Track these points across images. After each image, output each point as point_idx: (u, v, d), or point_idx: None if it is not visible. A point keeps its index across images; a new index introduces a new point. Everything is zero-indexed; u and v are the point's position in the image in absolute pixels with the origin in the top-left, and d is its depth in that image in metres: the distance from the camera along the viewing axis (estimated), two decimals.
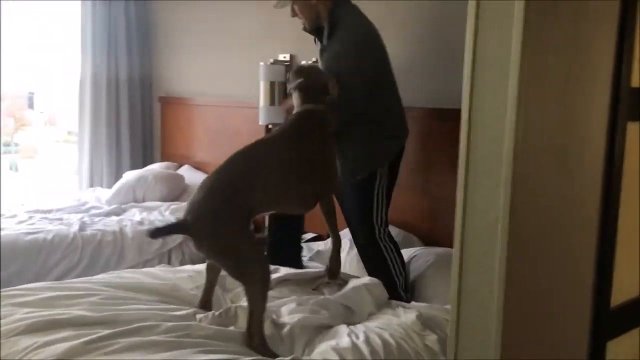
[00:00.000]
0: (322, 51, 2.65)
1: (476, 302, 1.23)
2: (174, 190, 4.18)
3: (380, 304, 2.34)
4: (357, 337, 2.01)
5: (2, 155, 5.37)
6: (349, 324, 2.15)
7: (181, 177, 4.31)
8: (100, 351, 1.78)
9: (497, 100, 1.18)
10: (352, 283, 2.39)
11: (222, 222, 1.94)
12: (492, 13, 1.18)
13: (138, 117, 4.88)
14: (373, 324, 2.15)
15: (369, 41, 2.55)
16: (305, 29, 2.75)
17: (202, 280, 2.26)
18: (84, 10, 4.67)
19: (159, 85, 4.94)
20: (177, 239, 3.41)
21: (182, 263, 3.32)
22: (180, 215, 2.23)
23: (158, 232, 2.15)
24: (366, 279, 2.45)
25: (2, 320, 1.97)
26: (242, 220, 1.99)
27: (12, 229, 3.38)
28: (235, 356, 1.83)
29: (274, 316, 2.11)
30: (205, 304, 2.19)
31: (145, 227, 3.44)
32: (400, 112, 2.67)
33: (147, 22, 4.88)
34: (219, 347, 1.88)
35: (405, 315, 2.17)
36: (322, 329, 2.11)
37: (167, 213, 3.78)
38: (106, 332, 1.87)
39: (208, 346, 1.87)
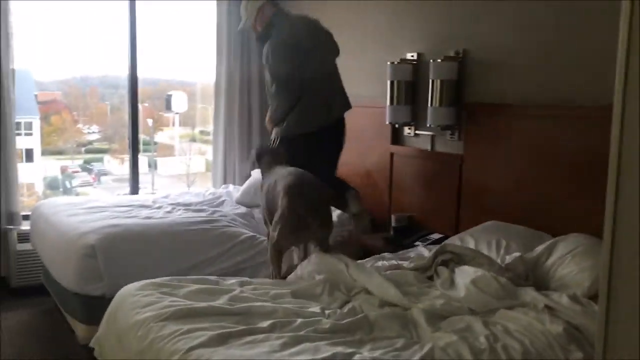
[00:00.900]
0: None
1: (629, 302, 1.16)
2: None
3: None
4: (495, 340, 1.93)
5: (142, 154, 5.74)
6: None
7: None
8: (237, 342, 1.87)
9: None
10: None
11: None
12: None
13: None
14: (513, 326, 2.04)
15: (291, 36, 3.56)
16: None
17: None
18: (219, 11, 4.89)
19: None
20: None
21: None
22: None
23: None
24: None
25: (152, 306, 2.14)
26: None
27: (159, 217, 3.69)
28: (356, 349, 1.85)
29: None
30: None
31: None
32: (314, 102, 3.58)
33: None
34: (345, 339, 1.93)
35: (552, 325, 2.02)
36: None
37: None
38: (242, 327, 1.97)
39: (335, 339, 1.92)
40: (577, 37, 2.78)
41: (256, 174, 4.46)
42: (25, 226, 4.30)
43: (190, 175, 7.51)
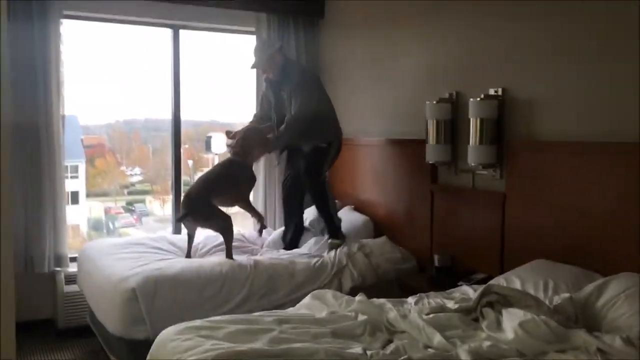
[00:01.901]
0: (284, 91, 4.11)
1: None
2: None
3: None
4: None
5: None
6: None
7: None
8: None
9: None
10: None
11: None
12: None
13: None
14: None
15: (313, 81, 4.23)
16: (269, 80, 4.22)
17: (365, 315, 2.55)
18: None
19: None
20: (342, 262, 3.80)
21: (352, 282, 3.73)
22: None
23: (180, 219, 3.92)
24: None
25: (193, 350, 2.15)
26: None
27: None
28: None
29: None
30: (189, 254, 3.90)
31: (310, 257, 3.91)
32: (329, 124, 4.25)
33: (315, 65, 5.13)
34: None
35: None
36: None
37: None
38: None
39: None
40: (618, 71, 2.75)
41: None
42: (72, 268, 4.39)
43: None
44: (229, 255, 3.77)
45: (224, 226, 3.79)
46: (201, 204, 3.76)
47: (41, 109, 4.25)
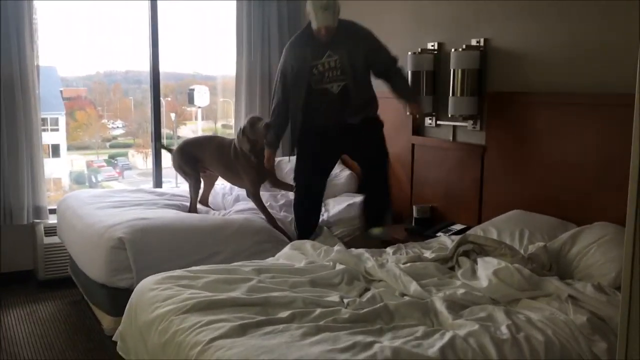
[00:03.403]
0: (335, 53, 3.42)
1: None
2: None
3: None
4: (518, 330, 1.90)
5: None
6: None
7: None
8: (257, 332, 1.88)
9: None
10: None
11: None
12: None
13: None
14: (536, 316, 2.01)
15: None
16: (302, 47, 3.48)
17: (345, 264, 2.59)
18: (239, 9, 4.91)
19: None
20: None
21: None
22: None
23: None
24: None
25: (172, 299, 2.16)
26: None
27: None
28: (376, 338, 1.86)
29: None
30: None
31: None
32: None
33: (298, 18, 5.04)
34: (365, 328, 1.94)
35: (575, 316, 1.99)
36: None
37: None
38: (262, 317, 1.99)
39: (355, 328, 1.93)
40: (602, 22, 2.73)
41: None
42: (52, 220, 4.37)
43: None
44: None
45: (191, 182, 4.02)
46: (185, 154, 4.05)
47: (14, 59, 4.14)
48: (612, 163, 2.63)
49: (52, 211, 4.39)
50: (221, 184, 4.36)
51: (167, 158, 5.75)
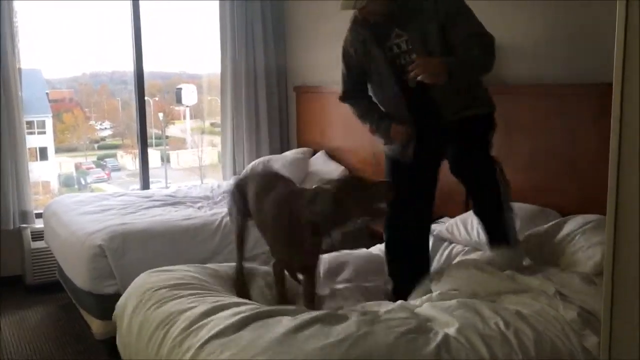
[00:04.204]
0: (404, 31, 2.43)
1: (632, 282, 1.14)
2: (298, 174, 4.31)
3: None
4: (507, 326, 1.87)
5: (154, 148, 5.75)
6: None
7: (304, 163, 4.52)
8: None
9: None
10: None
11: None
12: None
13: (275, 107, 5.05)
14: (526, 310, 1.98)
15: None
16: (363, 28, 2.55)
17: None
18: (222, 9, 4.88)
19: (294, 74, 5.07)
20: None
21: None
22: None
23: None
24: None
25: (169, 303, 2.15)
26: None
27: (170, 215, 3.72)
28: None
29: None
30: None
31: None
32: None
33: (281, 17, 5.03)
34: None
35: (565, 311, 1.97)
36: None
37: None
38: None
39: None
40: (579, 14, 2.72)
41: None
42: (39, 224, 4.34)
43: (202, 168, 7.52)
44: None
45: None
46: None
47: None
48: (594, 153, 2.63)
49: (39, 215, 4.35)
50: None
51: (154, 158, 5.73)
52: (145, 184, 4.93)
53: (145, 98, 5.00)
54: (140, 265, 3.13)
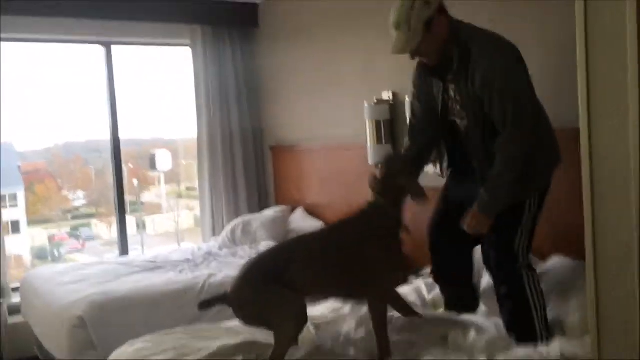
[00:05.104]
0: (451, 82, 2.39)
1: (617, 329, 1.17)
2: (277, 232, 4.41)
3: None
4: None
5: (129, 214, 5.71)
6: None
7: (284, 221, 4.56)
8: None
9: (618, 119, 1.14)
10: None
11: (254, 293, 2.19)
12: (601, 30, 1.15)
13: (252, 167, 5.08)
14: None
15: (517, 57, 2.31)
16: (424, 66, 2.48)
17: None
18: (195, 58, 4.95)
19: (269, 134, 5.15)
20: None
21: None
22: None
23: (205, 304, 2.32)
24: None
25: None
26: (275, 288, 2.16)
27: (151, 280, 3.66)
28: None
29: None
30: None
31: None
32: (552, 136, 2.45)
33: (253, 75, 5.13)
34: None
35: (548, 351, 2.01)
36: None
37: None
38: None
39: None
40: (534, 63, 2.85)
41: (236, 221, 4.51)
42: (15, 298, 4.24)
43: (179, 232, 7.46)
44: None
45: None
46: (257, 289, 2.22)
47: None
48: (566, 197, 2.70)
49: (16, 289, 4.26)
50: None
51: (130, 225, 5.67)
52: (124, 250, 4.87)
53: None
54: (122, 334, 3.06)
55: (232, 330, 2.49)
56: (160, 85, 5.75)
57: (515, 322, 2.32)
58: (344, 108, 4.27)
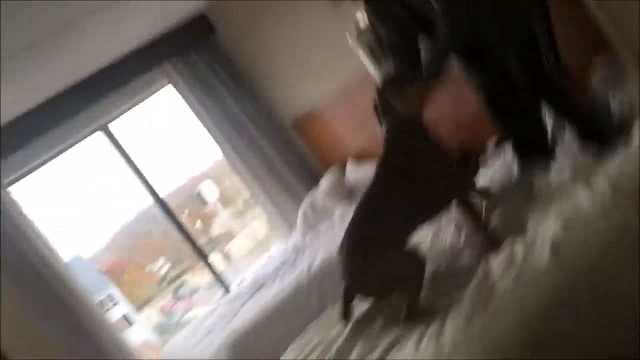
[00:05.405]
0: None
1: None
2: (341, 194, 4.43)
3: None
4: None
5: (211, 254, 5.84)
6: None
7: (340, 182, 4.57)
8: None
9: None
10: None
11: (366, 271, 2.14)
12: None
13: (284, 149, 5.04)
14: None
15: None
16: None
17: None
18: (187, 98, 4.92)
19: (285, 112, 5.11)
20: None
21: None
22: None
23: (346, 313, 2.25)
24: None
25: None
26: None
27: None
28: None
29: None
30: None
31: None
32: None
33: (239, 69, 5.07)
34: None
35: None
36: None
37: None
38: None
39: None
40: None
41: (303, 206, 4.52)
42: None
43: (262, 243, 7.64)
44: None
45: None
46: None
47: None
48: None
49: None
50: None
51: (218, 260, 5.76)
52: (226, 288, 5.02)
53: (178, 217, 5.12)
54: (269, 355, 3.19)
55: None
56: (166, 128, 5.81)
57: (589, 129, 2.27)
58: (337, 47, 4.11)
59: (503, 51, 2.33)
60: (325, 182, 4.64)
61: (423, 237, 2.55)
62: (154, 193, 4.94)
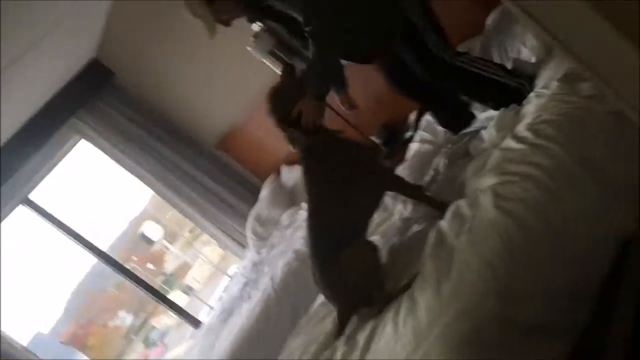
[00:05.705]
0: None
1: None
2: (284, 200, 4.41)
3: None
4: None
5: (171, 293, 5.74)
6: None
7: (279, 188, 4.55)
8: None
9: None
10: None
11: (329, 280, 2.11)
12: None
13: (216, 171, 5.01)
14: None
15: None
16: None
17: None
18: (105, 149, 4.86)
19: (207, 134, 5.05)
20: None
21: None
22: None
23: (340, 330, 2.11)
24: None
25: None
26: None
27: None
28: None
29: None
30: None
31: None
32: None
33: (147, 103, 4.99)
34: None
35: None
36: None
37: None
38: None
39: None
40: None
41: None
42: None
43: (219, 268, 7.57)
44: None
45: None
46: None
47: None
48: None
49: None
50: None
51: (180, 299, 5.66)
52: (195, 323, 4.95)
53: (127, 266, 5.02)
54: None
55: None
56: (93, 180, 5.67)
57: (486, 94, 2.42)
58: (241, 59, 4.04)
59: (389, 51, 2.43)
60: (265, 193, 4.62)
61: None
62: (95, 250, 4.81)
